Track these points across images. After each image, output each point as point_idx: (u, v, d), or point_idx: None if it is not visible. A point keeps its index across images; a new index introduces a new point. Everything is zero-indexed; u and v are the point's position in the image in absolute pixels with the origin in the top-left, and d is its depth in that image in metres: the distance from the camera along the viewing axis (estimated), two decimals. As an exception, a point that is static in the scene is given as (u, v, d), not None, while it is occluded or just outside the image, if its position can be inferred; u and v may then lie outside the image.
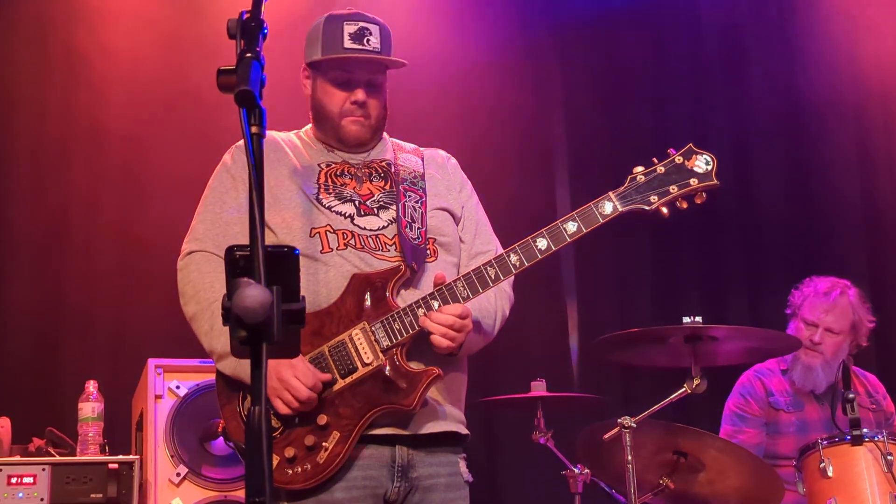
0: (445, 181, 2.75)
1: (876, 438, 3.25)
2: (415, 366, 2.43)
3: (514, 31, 4.99)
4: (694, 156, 2.54)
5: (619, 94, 5.06)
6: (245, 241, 2.46)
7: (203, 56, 4.33)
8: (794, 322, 4.06)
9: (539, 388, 3.72)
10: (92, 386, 3.56)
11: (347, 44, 2.56)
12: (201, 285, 2.48)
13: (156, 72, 4.56)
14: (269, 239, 2.44)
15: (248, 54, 1.43)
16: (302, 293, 1.42)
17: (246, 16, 1.50)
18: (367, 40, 2.57)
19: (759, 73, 5.26)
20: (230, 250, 1.39)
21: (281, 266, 1.38)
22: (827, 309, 3.99)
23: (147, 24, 4.59)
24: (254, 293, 1.29)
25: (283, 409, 2.33)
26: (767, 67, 5.26)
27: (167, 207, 2.73)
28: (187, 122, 4.43)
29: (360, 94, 2.58)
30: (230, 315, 1.31)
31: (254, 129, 1.40)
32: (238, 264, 1.36)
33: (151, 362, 3.52)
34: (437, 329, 2.37)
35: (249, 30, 1.47)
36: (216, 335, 2.41)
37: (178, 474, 3.44)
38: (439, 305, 2.41)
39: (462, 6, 4.92)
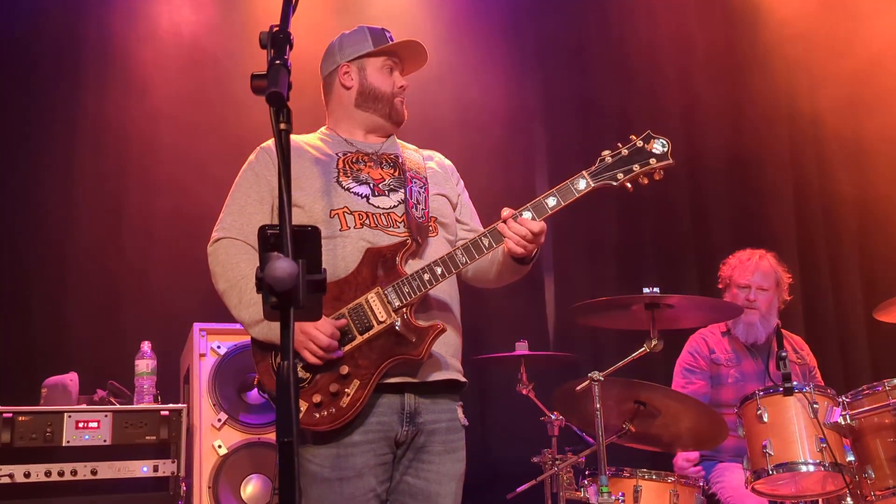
0: (444, 175, 2.77)
1: (804, 390, 3.24)
2: (422, 322, 2.42)
3: (500, 37, 4.94)
4: (652, 140, 2.55)
5: (590, 94, 5.01)
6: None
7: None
8: (729, 291, 4.10)
9: (522, 348, 3.72)
10: (146, 345, 3.57)
11: (397, 42, 2.70)
12: (229, 265, 2.48)
13: (201, 78, 4.54)
14: (297, 216, 2.46)
15: (277, 61, 1.44)
16: (323, 266, 1.42)
17: (275, 29, 1.50)
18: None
19: (707, 83, 5.23)
20: (262, 229, 1.38)
21: (305, 242, 1.38)
22: (753, 270, 4.06)
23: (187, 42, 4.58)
24: (283, 265, 1.29)
25: (311, 359, 2.33)
26: (715, 77, 5.24)
27: (211, 194, 2.71)
28: (227, 123, 4.41)
29: (403, 80, 2.71)
30: (263, 284, 1.31)
31: (282, 126, 1.40)
32: (269, 240, 1.36)
33: (196, 326, 3.53)
34: (511, 236, 2.42)
35: (278, 41, 1.48)
36: (244, 307, 2.43)
37: (219, 420, 3.45)
38: (441, 271, 2.42)
39: (452, 14, 4.88)
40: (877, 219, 5.22)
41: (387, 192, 2.57)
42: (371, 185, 2.57)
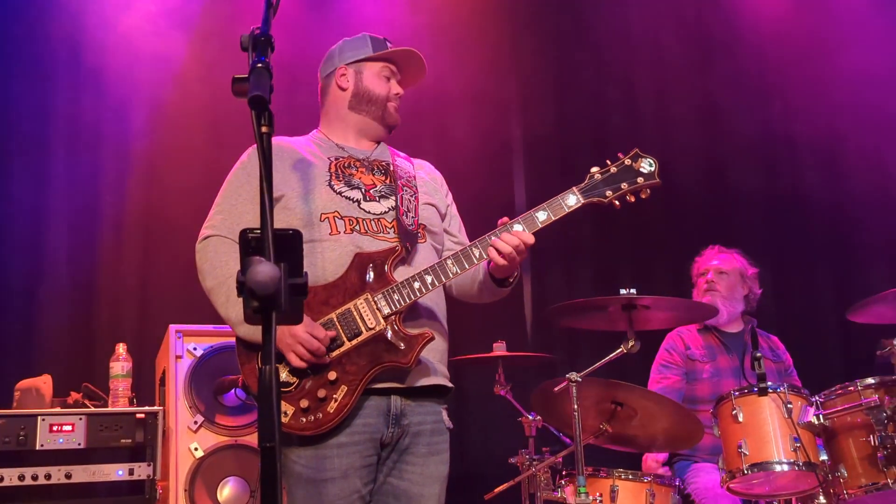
0: (433, 184, 2.78)
1: (778, 390, 3.26)
2: (411, 330, 2.43)
3: (477, 47, 4.95)
4: (640, 159, 2.59)
5: (567, 103, 5.03)
6: (257, 226, 2.49)
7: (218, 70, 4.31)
8: (696, 287, 4.14)
9: (500, 349, 3.73)
10: (121, 348, 3.55)
11: (397, 49, 2.72)
12: (217, 263, 2.46)
13: (177, 82, 4.51)
14: (288, 218, 2.47)
15: (259, 64, 1.42)
16: (308, 269, 1.41)
17: (257, 31, 1.49)
18: None
19: (681, 89, 5.26)
20: (244, 232, 1.37)
21: (287, 246, 1.38)
22: (712, 256, 4.17)
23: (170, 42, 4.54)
24: (264, 269, 1.28)
25: (297, 362, 2.32)
26: (689, 83, 5.27)
27: (185, 195, 2.70)
28: (202, 122, 4.37)
29: (399, 88, 2.72)
30: (244, 288, 1.30)
31: (264, 129, 1.39)
32: (251, 244, 1.35)
33: (172, 328, 3.51)
34: (503, 247, 2.43)
35: (260, 43, 1.46)
36: (231, 305, 2.40)
37: (196, 422, 3.42)
38: (432, 280, 2.43)
39: (432, 25, 4.88)
40: (849, 221, 5.28)
41: (377, 198, 2.57)
42: (362, 190, 2.57)
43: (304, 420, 2.33)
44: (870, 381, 3.21)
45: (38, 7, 4.41)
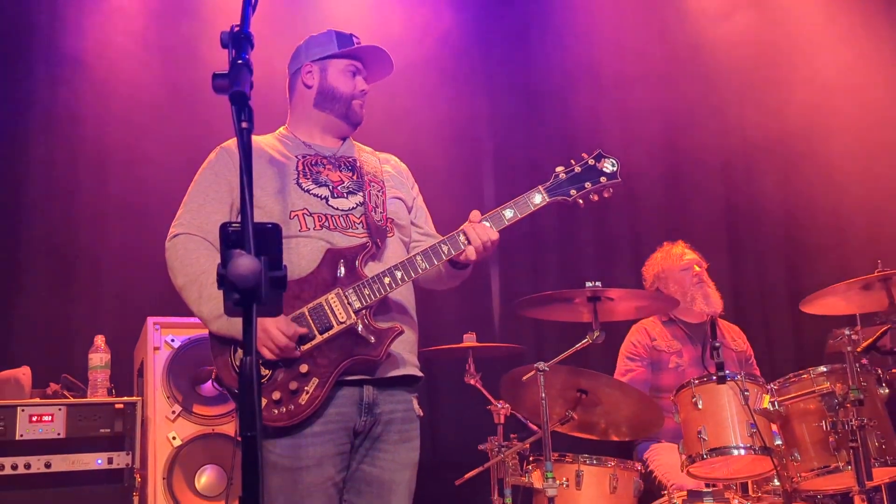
0: (399, 178, 2.76)
1: (736, 378, 3.28)
2: (381, 324, 2.41)
3: (450, 51, 4.93)
4: (603, 159, 2.60)
5: (535, 104, 5.03)
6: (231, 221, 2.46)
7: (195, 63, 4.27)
8: (670, 280, 4.16)
9: (470, 340, 3.72)
10: (100, 339, 3.50)
11: (362, 45, 2.67)
12: (188, 261, 2.42)
13: (153, 76, 4.45)
14: (257, 216, 2.43)
15: (239, 61, 1.40)
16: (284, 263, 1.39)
17: (236, 29, 1.47)
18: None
19: (644, 94, 5.28)
20: (224, 226, 1.35)
21: (267, 239, 1.35)
22: (683, 254, 4.19)
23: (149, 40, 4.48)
24: (245, 262, 1.26)
25: (268, 355, 2.31)
26: (651, 90, 5.30)
27: (164, 188, 2.66)
28: (181, 116, 4.32)
29: (364, 85, 2.67)
30: (225, 281, 1.27)
31: (244, 125, 1.36)
32: (231, 238, 1.32)
33: (150, 320, 3.47)
34: (474, 239, 2.44)
35: (239, 40, 1.44)
36: (204, 302, 2.38)
37: (174, 412, 3.39)
38: (401, 276, 2.42)
39: (405, 30, 4.86)
40: (800, 219, 5.34)
41: (345, 195, 2.55)
42: (330, 187, 2.55)
43: (277, 412, 2.31)
44: (822, 369, 3.25)
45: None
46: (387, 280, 2.40)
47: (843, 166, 5.39)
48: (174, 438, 3.35)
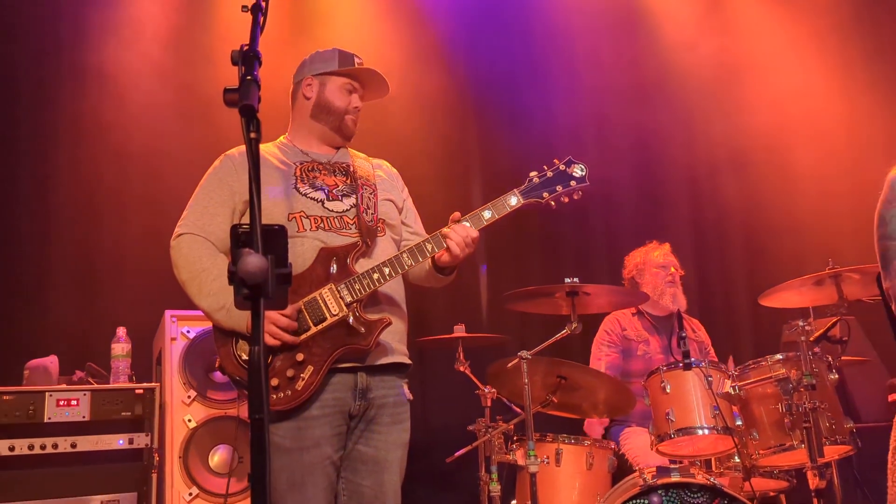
0: (391, 182, 2.75)
1: (700, 365, 3.30)
2: (371, 315, 2.41)
3: (441, 63, 4.93)
4: (573, 165, 2.60)
5: (518, 120, 5.03)
6: (224, 228, 2.48)
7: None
8: (645, 275, 4.17)
9: (460, 331, 3.72)
10: (121, 331, 3.49)
11: (360, 67, 2.66)
12: (191, 258, 2.43)
13: (171, 86, 4.44)
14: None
15: (248, 77, 1.40)
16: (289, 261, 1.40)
17: (245, 48, 1.47)
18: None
19: (618, 105, 5.29)
20: (235, 227, 1.35)
21: (273, 239, 1.35)
22: (666, 254, 4.20)
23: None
24: (254, 260, 1.26)
25: (270, 341, 2.30)
26: (625, 100, 5.31)
27: (180, 192, 2.65)
28: (196, 123, 4.31)
29: (359, 102, 2.67)
30: (235, 277, 1.28)
31: (253, 135, 1.36)
32: (241, 238, 1.33)
33: (168, 313, 3.46)
34: (455, 237, 2.43)
35: (248, 58, 1.44)
36: (204, 296, 2.39)
37: (189, 397, 3.38)
38: (389, 271, 2.42)
39: (400, 42, 4.86)
40: (759, 219, 5.35)
41: (340, 197, 2.55)
42: (326, 190, 2.54)
43: (275, 397, 2.31)
44: (778, 357, 3.26)
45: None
46: (375, 276, 2.40)
47: (797, 175, 5.42)
48: (189, 421, 3.35)
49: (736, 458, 3.28)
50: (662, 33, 5.44)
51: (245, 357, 2.37)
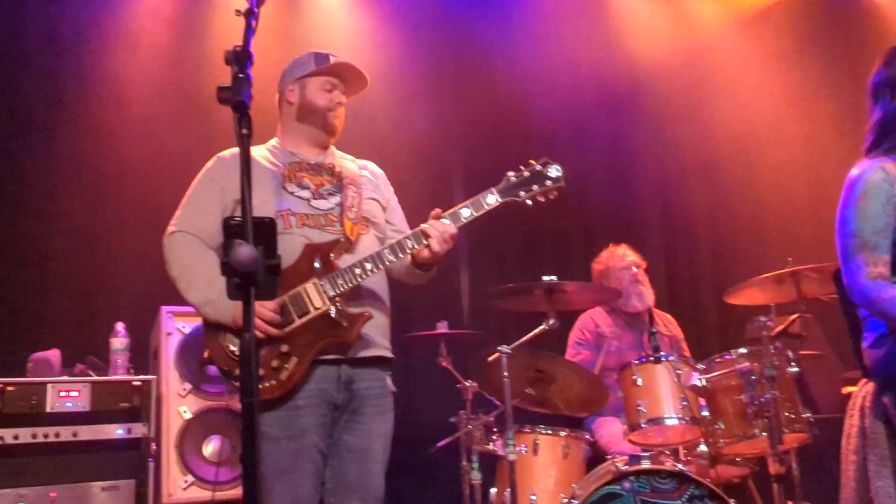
0: (376, 182, 2.72)
1: (670, 359, 3.30)
2: (353, 309, 2.39)
3: (424, 68, 4.91)
4: (549, 165, 2.55)
5: (498, 124, 5.02)
6: (214, 226, 2.46)
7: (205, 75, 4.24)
8: (610, 278, 4.15)
9: (442, 327, 3.71)
10: (120, 326, 3.45)
11: (336, 63, 2.62)
12: (182, 255, 2.42)
13: (166, 90, 4.40)
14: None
15: (241, 75, 1.38)
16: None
17: (238, 48, 1.45)
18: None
19: (594, 111, 5.30)
20: (227, 220, 1.34)
21: (263, 232, 1.34)
22: (631, 254, 4.18)
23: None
24: (245, 251, 1.24)
25: (255, 333, 2.27)
26: (600, 108, 5.31)
27: (176, 192, 2.62)
28: (192, 126, 4.26)
29: (340, 97, 2.63)
30: (227, 267, 1.25)
31: (244, 131, 1.34)
32: (233, 230, 1.31)
33: (164, 309, 3.42)
34: (434, 234, 2.39)
35: (241, 58, 1.42)
36: (192, 290, 2.38)
37: (185, 389, 3.35)
38: (371, 267, 2.39)
39: (384, 46, 4.83)
40: (724, 222, 5.38)
41: (325, 196, 2.52)
42: (311, 190, 2.52)
43: (261, 387, 2.28)
44: (742, 351, 3.26)
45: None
46: (357, 271, 2.38)
47: (759, 180, 5.46)
48: (185, 412, 3.31)
49: (702, 446, 3.27)
50: (635, 45, 5.44)
51: (232, 348, 2.34)
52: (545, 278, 3.18)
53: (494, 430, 3.50)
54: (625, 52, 5.39)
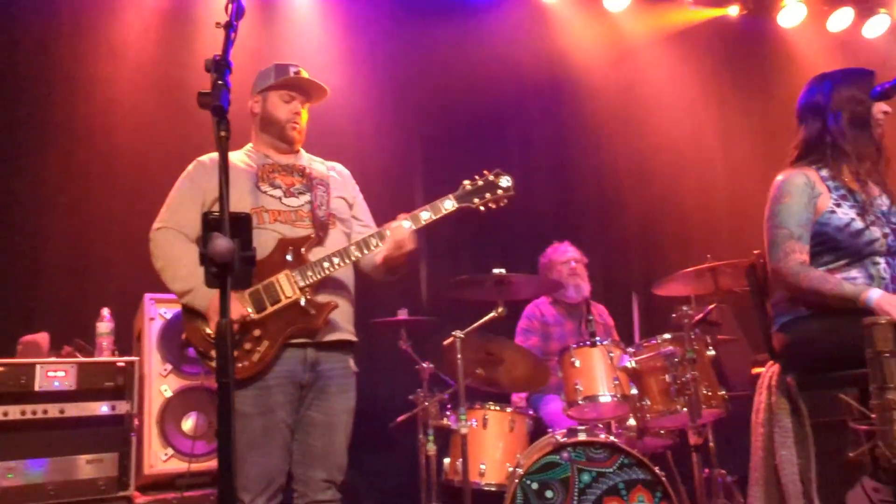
0: (343, 181, 2.70)
1: (604, 343, 3.34)
2: (321, 299, 2.37)
3: (386, 83, 4.86)
4: (500, 175, 2.58)
5: (455, 134, 5.00)
6: (196, 221, 2.43)
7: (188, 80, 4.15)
8: (553, 271, 4.18)
9: (403, 314, 3.70)
10: (106, 311, 3.36)
11: (293, 75, 2.57)
12: (166, 248, 2.40)
13: (153, 91, 4.28)
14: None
15: (220, 82, 1.35)
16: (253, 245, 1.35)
17: (217, 57, 1.41)
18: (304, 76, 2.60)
19: (539, 116, 5.31)
20: (206, 214, 1.31)
21: (240, 225, 1.31)
22: (572, 250, 4.22)
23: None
24: (222, 243, 1.22)
25: (214, 327, 2.27)
26: (545, 112, 5.33)
27: (161, 188, 2.56)
28: (177, 127, 4.15)
29: (298, 108, 2.58)
30: (206, 258, 1.22)
31: (223, 133, 1.31)
32: (211, 223, 1.28)
33: (147, 296, 3.34)
34: (395, 233, 2.39)
35: (220, 66, 1.39)
36: (175, 280, 2.37)
37: (165, 370, 3.27)
38: (338, 261, 2.38)
39: (349, 62, 4.79)
40: (653, 222, 5.44)
41: (296, 195, 2.50)
42: (283, 189, 2.49)
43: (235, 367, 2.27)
44: (667, 336, 3.32)
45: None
46: (326, 264, 2.37)
47: (683, 185, 5.55)
48: (165, 391, 3.24)
49: (631, 420, 3.33)
50: (577, 61, 5.46)
51: (208, 331, 2.32)
52: (495, 271, 3.19)
53: (448, 406, 3.50)
54: (567, 67, 5.40)
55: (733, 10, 5.70)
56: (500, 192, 2.55)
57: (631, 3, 5.48)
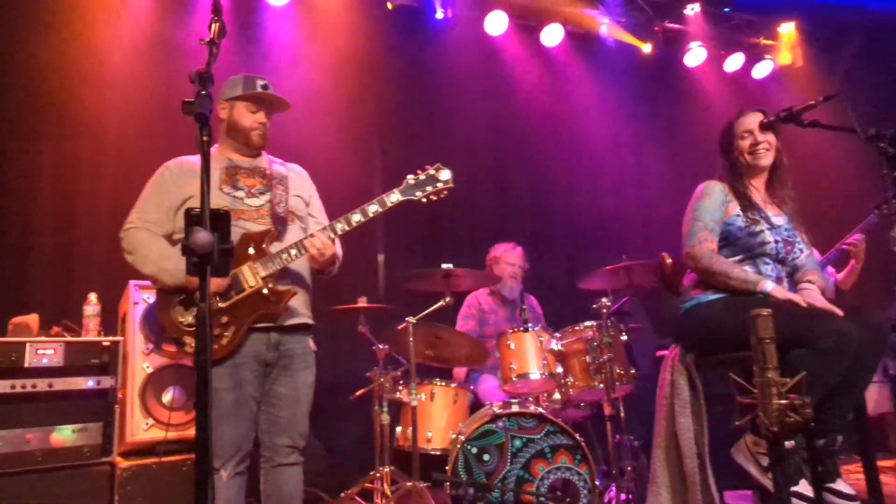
0: (301, 182, 2.62)
1: (535, 328, 3.38)
2: (281, 287, 2.34)
3: (348, 77, 4.74)
4: (440, 170, 2.49)
5: (409, 135, 4.95)
6: (162, 220, 2.34)
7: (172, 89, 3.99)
8: (498, 266, 4.18)
9: (362, 301, 3.66)
10: (93, 295, 3.22)
11: (260, 88, 2.48)
12: (134, 242, 2.36)
13: (146, 88, 4.12)
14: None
15: (203, 92, 1.31)
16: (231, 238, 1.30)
17: (201, 71, 1.38)
18: (270, 89, 2.51)
19: (480, 119, 5.26)
20: (188, 210, 1.27)
21: (219, 220, 1.27)
22: (518, 253, 4.20)
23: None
24: (203, 236, 1.18)
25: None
26: (486, 125, 5.32)
27: (147, 177, 2.47)
28: (160, 127, 3.98)
29: (263, 118, 2.51)
30: (188, 249, 1.19)
31: (205, 138, 1.27)
32: (193, 218, 1.24)
33: (131, 282, 3.21)
34: (311, 247, 2.35)
35: (203, 78, 1.35)
36: (147, 264, 2.33)
37: (147, 349, 3.16)
38: (295, 253, 2.34)
39: (310, 53, 4.67)
40: (578, 225, 5.43)
41: (257, 195, 2.44)
42: (245, 190, 2.43)
43: None
44: (588, 323, 3.39)
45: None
46: (284, 256, 2.33)
47: (604, 194, 5.60)
48: (147, 367, 3.13)
49: (557, 394, 3.38)
50: (518, 87, 5.49)
51: (181, 319, 2.29)
52: (443, 265, 3.20)
53: (401, 382, 3.49)
54: (509, 88, 5.40)
55: (647, 48, 5.86)
56: (439, 184, 2.46)
57: (563, 39, 5.58)
